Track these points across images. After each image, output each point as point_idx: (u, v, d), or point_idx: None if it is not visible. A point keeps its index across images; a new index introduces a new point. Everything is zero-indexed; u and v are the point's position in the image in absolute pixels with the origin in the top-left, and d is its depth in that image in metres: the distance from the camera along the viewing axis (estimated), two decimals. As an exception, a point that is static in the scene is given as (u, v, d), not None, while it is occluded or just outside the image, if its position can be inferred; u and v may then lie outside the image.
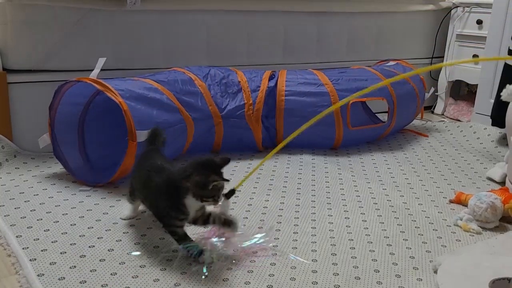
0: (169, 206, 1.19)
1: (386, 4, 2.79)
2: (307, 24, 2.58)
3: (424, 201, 1.66)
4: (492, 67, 2.46)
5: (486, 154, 2.21)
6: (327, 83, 2.10)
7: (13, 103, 1.93)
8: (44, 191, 1.63)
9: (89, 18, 2.02)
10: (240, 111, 2.01)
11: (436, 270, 1.20)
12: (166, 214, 1.20)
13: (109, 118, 1.81)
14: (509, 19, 2.36)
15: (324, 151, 2.15)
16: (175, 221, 1.20)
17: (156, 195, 1.23)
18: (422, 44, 3.02)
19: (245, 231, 1.36)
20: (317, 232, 1.41)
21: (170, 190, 1.19)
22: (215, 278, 1.15)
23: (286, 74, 2.14)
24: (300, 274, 1.19)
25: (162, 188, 1.21)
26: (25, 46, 1.94)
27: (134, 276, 1.15)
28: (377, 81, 2.19)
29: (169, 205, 1.19)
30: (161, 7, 2.16)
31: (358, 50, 2.78)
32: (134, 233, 1.36)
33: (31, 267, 1.17)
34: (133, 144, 1.59)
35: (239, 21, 2.40)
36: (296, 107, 2.06)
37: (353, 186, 1.76)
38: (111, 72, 2.00)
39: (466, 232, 1.44)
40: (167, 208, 1.20)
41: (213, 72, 2.06)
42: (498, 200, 1.48)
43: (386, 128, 2.27)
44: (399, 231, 1.44)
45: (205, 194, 1.16)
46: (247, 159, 2.02)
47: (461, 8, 2.81)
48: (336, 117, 2.07)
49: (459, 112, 2.87)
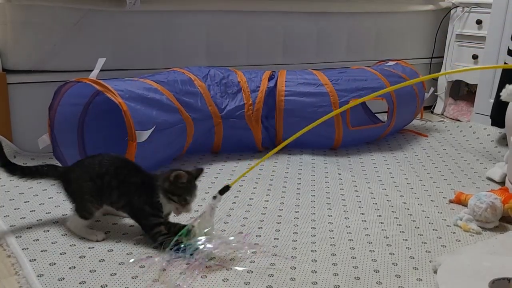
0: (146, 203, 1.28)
1: (386, 4, 2.79)
2: (306, 24, 2.58)
3: (424, 201, 1.66)
4: (492, 67, 2.46)
5: (486, 154, 2.21)
6: (327, 83, 2.10)
7: (13, 103, 1.93)
8: (44, 191, 1.63)
9: (88, 18, 2.02)
10: (239, 111, 2.01)
11: (436, 270, 1.20)
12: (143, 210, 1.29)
13: (108, 118, 1.81)
14: (509, 19, 2.36)
15: (324, 151, 2.15)
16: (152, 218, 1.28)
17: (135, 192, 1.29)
18: (422, 44, 3.02)
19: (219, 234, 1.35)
20: (316, 232, 1.41)
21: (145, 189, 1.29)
22: (215, 278, 1.16)
23: (285, 74, 2.14)
24: (299, 274, 1.19)
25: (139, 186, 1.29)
26: (25, 46, 1.94)
27: (134, 277, 1.15)
28: (377, 81, 2.19)
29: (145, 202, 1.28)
30: (160, 8, 2.16)
31: (358, 50, 2.79)
32: (133, 234, 1.36)
33: (31, 267, 1.17)
34: (133, 145, 1.59)
35: (239, 21, 2.40)
36: (295, 107, 2.06)
37: (353, 186, 1.76)
38: (111, 73, 2.00)
39: (466, 232, 1.44)
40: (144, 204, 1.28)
41: (212, 73, 2.06)
42: (498, 200, 1.48)
43: (386, 128, 2.27)
44: (399, 231, 1.44)
45: (171, 189, 1.25)
46: (246, 159, 2.02)
47: (461, 8, 2.81)
48: (336, 117, 2.07)
49: (458, 112, 2.87)
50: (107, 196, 1.30)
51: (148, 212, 1.28)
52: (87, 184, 1.29)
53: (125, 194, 1.29)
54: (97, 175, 1.29)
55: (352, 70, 2.28)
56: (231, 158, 2.02)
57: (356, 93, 2.11)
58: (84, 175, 1.30)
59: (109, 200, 1.31)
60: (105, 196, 1.30)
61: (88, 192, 1.29)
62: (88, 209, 1.31)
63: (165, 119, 1.76)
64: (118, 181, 1.29)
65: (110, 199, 1.30)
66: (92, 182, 1.28)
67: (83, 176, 1.30)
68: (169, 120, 1.78)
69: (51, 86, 1.77)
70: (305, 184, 1.77)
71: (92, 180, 1.29)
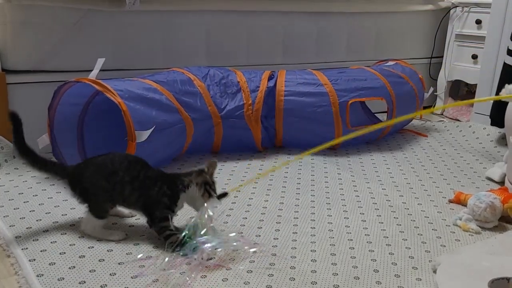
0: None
1: (385, 4, 2.79)
2: (306, 24, 2.58)
3: (424, 201, 1.66)
4: (491, 67, 2.46)
5: (485, 154, 2.21)
6: (326, 83, 2.10)
7: (12, 103, 1.93)
8: (43, 191, 1.63)
9: (88, 18, 2.02)
10: (239, 111, 2.01)
11: (435, 269, 1.21)
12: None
13: (108, 118, 1.81)
14: (508, 18, 2.36)
15: (324, 151, 2.15)
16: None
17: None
18: (422, 44, 3.02)
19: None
20: (316, 232, 1.41)
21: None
22: (214, 278, 1.16)
23: (285, 74, 2.14)
24: (299, 274, 1.19)
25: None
26: (24, 46, 1.94)
27: (134, 277, 1.15)
28: (376, 81, 2.19)
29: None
30: (160, 8, 2.16)
31: (358, 50, 2.79)
32: (134, 234, 1.36)
33: (31, 267, 1.18)
34: (133, 145, 1.59)
35: (238, 21, 2.40)
36: (295, 107, 2.06)
37: (353, 186, 1.76)
38: (110, 73, 2.00)
39: (466, 232, 1.44)
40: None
41: (212, 72, 2.06)
42: (497, 199, 1.48)
43: (385, 128, 2.27)
44: (398, 231, 1.44)
45: (209, 181, 1.33)
46: (246, 159, 2.02)
47: (460, 8, 2.82)
48: (335, 117, 2.07)
49: (458, 112, 2.87)
50: (120, 193, 1.30)
51: (165, 204, 1.29)
52: (101, 183, 1.29)
53: (138, 189, 1.29)
54: (110, 173, 1.29)
55: (351, 70, 2.28)
56: (231, 158, 2.02)
57: (356, 93, 2.11)
58: (97, 173, 1.30)
59: (121, 197, 1.31)
60: (117, 193, 1.30)
61: (103, 191, 1.29)
62: (104, 208, 1.32)
63: (164, 119, 1.76)
64: (131, 177, 1.29)
65: (123, 195, 1.30)
66: (105, 181, 1.29)
67: (97, 174, 1.30)
68: (169, 120, 1.78)
69: (50, 86, 1.77)
70: (304, 184, 1.78)
71: (106, 178, 1.29)
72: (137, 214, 1.40)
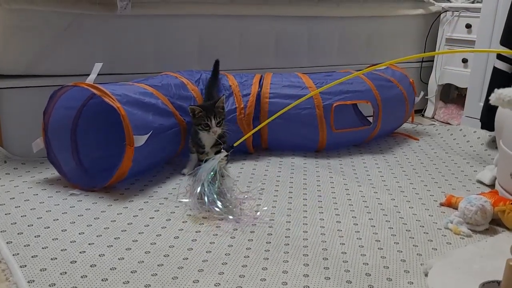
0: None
1: (376, 8, 2.81)
2: (298, 28, 2.59)
3: (415, 204, 1.67)
4: (481, 71, 2.48)
5: (476, 157, 2.22)
6: (311, 86, 2.11)
7: (3, 108, 1.92)
8: (35, 196, 1.62)
9: (79, 23, 2.02)
10: (231, 115, 2.01)
11: (426, 273, 1.21)
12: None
13: (101, 120, 1.81)
14: (498, 23, 2.38)
15: (316, 155, 2.16)
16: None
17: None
18: (412, 48, 3.03)
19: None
20: (308, 236, 1.41)
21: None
22: (206, 282, 1.15)
23: (271, 77, 2.16)
24: (291, 278, 1.19)
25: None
26: (15, 51, 1.93)
27: (125, 282, 1.15)
28: (362, 85, 2.21)
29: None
30: (152, 12, 2.16)
31: (349, 54, 2.80)
32: (125, 238, 1.36)
33: (21, 273, 1.17)
34: (131, 149, 1.59)
35: (230, 25, 2.40)
36: (279, 109, 2.05)
37: (345, 190, 1.77)
38: (102, 77, 1.99)
39: (457, 235, 1.45)
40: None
41: (204, 77, 2.06)
42: (488, 203, 1.49)
43: (372, 131, 2.27)
44: (390, 234, 1.44)
45: (195, 122, 1.76)
46: (238, 162, 2.02)
47: (450, 12, 2.84)
48: (320, 119, 2.08)
49: (449, 116, 2.89)
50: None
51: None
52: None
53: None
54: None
55: (338, 74, 2.29)
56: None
57: (341, 95, 2.12)
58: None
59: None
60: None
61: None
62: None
63: (161, 123, 1.77)
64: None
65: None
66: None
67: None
68: (165, 124, 1.79)
69: (41, 91, 1.77)
70: (297, 187, 1.78)
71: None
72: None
